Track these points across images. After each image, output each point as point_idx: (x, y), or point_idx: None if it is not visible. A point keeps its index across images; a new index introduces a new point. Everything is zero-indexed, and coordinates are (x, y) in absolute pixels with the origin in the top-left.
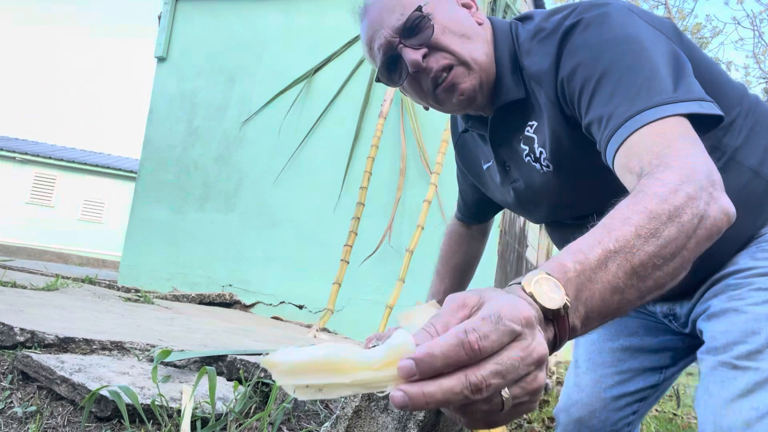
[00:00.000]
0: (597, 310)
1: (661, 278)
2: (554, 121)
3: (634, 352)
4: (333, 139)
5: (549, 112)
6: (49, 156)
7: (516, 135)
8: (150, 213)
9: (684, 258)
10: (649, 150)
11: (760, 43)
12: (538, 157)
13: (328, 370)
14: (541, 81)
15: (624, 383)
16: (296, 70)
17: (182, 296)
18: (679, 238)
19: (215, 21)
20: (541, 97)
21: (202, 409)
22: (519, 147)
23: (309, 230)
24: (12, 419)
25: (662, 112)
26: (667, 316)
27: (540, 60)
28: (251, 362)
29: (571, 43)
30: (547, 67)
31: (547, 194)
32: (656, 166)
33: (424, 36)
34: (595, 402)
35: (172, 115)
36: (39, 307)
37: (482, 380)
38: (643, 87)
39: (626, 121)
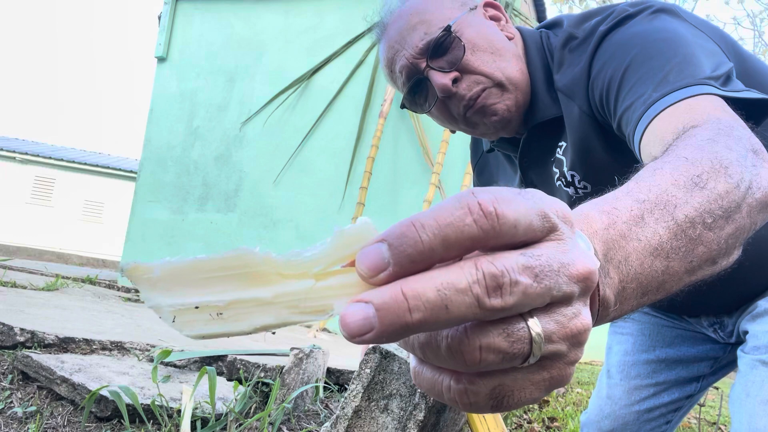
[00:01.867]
0: (635, 280)
1: (714, 245)
2: (587, 136)
3: (671, 364)
4: (333, 139)
5: (581, 127)
6: (49, 156)
7: (548, 157)
8: (150, 213)
9: (738, 225)
10: (673, 128)
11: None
12: (570, 181)
13: (235, 276)
14: (574, 93)
15: (659, 395)
16: (296, 70)
17: None
18: (731, 194)
19: (215, 21)
20: (574, 110)
21: (202, 409)
22: (551, 170)
23: (309, 230)
24: (12, 419)
25: (695, 90)
26: (713, 325)
27: (571, 71)
28: (251, 362)
29: (603, 47)
30: (578, 75)
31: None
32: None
33: (453, 57)
34: (627, 415)
35: (172, 115)
36: (39, 307)
37: (504, 270)
38: (674, 69)
39: (654, 102)
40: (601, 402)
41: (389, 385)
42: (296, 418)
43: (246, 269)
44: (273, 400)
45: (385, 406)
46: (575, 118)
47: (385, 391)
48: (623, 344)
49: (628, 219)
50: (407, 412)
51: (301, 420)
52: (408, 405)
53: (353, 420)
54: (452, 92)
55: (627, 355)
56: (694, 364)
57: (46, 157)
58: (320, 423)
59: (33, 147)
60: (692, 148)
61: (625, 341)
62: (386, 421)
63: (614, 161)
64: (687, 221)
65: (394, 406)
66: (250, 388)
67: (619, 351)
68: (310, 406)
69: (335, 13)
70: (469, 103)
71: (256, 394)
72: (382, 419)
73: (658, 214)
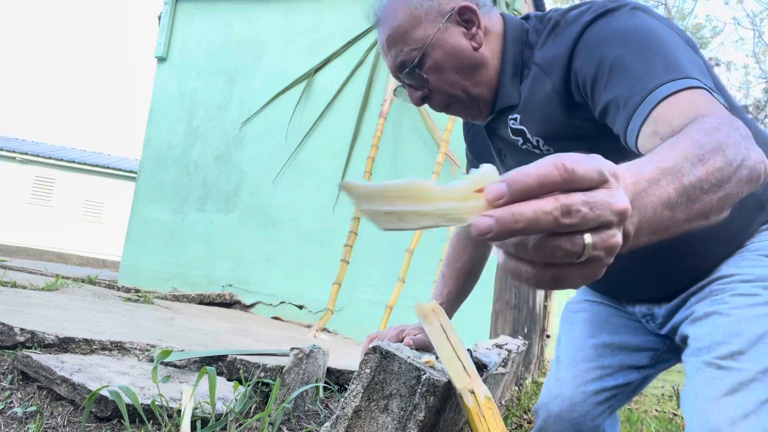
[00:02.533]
0: (648, 222)
1: (707, 205)
2: (554, 110)
3: (615, 349)
4: (333, 139)
5: (550, 103)
6: (49, 156)
7: (505, 128)
8: (150, 213)
9: (727, 192)
10: (679, 114)
11: (760, 43)
12: (536, 144)
13: (409, 197)
14: (550, 70)
15: (604, 378)
16: (296, 70)
17: (182, 296)
18: (725, 170)
19: (215, 21)
20: (546, 86)
21: (202, 409)
22: (511, 138)
23: (309, 230)
24: (12, 419)
25: (686, 83)
26: (645, 317)
27: (552, 50)
28: (251, 362)
29: (586, 37)
30: (560, 56)
31: None
32: (691, 119)
33: (422, 80)
34: (575, 395)
35: (172, 115)
36: (39, 307)
37: (573, 203)
38: (661, 66)
39: (649, 93)
40: (550, 385)
41: (389, 385)
42: (296, 418)
43: (416, 192)
44: (273, 400)
45: (385, 406)
46: (545, 93)
47: (385, 391)
48: (572, 333)
49: (649, 179)
50: (407, 412)
51: (301, 420)
52: (408, 405)
53: (353, 420)
54: (422, 104)
55: (575, 341)
56: (635, 352)
57: (46, 157)
58: (320, 423)
59: (33, 147)
60: (701, 133)
61: (574, 330)
62: (386, 421)
63: (574, 130)
64: (690, 186)
65: (394, 406)
66: (250, 388)
67: (568, 339)
68: (310, 406)
69: (335, 13)
70: (442, 110)
71: (256, 394)
72: (382, 419)
73: (670, 179)
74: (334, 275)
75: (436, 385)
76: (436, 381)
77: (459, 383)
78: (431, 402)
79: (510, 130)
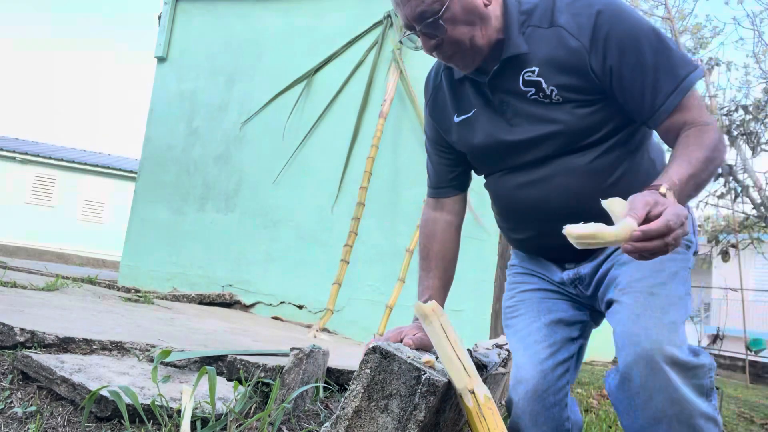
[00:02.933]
0: (680, 198)
1: (705, 185)
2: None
3: (556, 325)
4: (333, 139)
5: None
6: (49, 156)
7: (516, 79)
8: (150, 213)
9: (712, 175)
10: (697, 110)
11: (760, 43)
12: (548, 94)
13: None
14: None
15: (555, 354)
16: (296, 70)
17: (182, 296)
18: (714, 172)
19: (215, 21)
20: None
21: (202, 409)
22: (520, 89)
23: (309, 230)
24: (12, 419)
25: (693, 80)
26: (573, 282)
27: (576, 20)
28: (251, 362)
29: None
30: (586, 27)
31: (544, 121)
32: (705, 123)
33: (437, 31)
34: (536, 375)
35: (172, 115)
36: (39, 307)
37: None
38: (677, 62)
39: (677, 87)
40: (513, 372)
41: (389, 385)
42: (296, 418)
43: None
44: (273, 400)
45: (385, 406)
46: (571, 49)
47: (385, 391)
48: (517, 325)
49: (680, 180)
50: (407, 412)
51: (301, 420)
52: (408, 405)
53: (353, 420)
54: (433, 53)
55: (522, 330)
56: (570, 326)
57: (46, 157)
58: (320, 423)
59: (33, 147)
60: (711, 149)
61: (518, 322)
62: (386, 421)
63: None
64: (699, 184)
65: (394, 406)
66: (250, 388)
67: (517, 331)
68: (310, 406)
69: (335, 13)
70: (445, 59)
71: (256, 394)
72: (382, 419)
73: (693, 182)
74: (334, 275)
75: (436, 385)
76: (436, 381)
77: (459, 383)
78: (431, 402)
79: (522, 81)
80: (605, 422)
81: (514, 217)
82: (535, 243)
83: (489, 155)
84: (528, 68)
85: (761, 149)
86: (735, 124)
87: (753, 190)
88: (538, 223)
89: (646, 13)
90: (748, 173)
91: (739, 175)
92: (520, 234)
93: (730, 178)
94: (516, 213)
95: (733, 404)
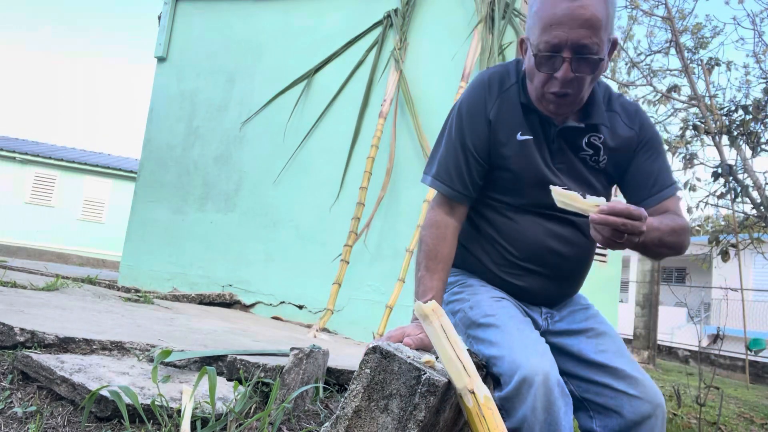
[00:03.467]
0: (648, 238)
1: (657, 245)
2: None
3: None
4: (333, 139)
5: (630, 144)
6: (49, 156)
7: (581, 137)
8: (150, 213)
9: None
10: (679, 208)
11: (760, 43)
12: (598, 159)
13: (573, 199)
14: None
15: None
16: (296, 70)
17: (182, 296)
18: (673, 246)
19: (215, 21)
20: (630, 133)
21: (202, 409)
22: (582, 146)
23: (309, 230)
24: (12, 419)
25: (679, 186)
26: (545, 315)
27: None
28: (251, 362)
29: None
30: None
31: (581, 179)
32: (682, 217)
33: (581, 71)
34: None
35: (172, 115)
36: (39, 307)
37: (630, 223)
38: (671, 169)
39: (673, 184)
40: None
41: (389, 385)
42: (296, 418)
43: (575, 199)
44: (273, 400)
45: (385, 406)
46: (629, 138)
47: (385, 391)
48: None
49: (655, 229)
50: (407, 412)
51: (301, 420)
52: (408, 405)
53: (353, 420)
54: (559, 81)
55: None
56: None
57: (46, 157)
58: (320, 423)
59: (33, 147)
60: (680, 230)
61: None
62: (386, 421)
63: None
64: (661, 239)
65: (394, 406)
66: (250, 388)
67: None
68: (310, 406)
69: (335, 13)
70: (556, 93)
71: (256, 394)
72: (382, 419)
73: (657, 233)
74: (334, 275)
75: (436, 385)
76: (436, 381)
77: (459, 383)
78: (431, 402)
79: (585, 143)
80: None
81: (531, 260)
82: (528, 289)
83: (533, 183)
84: (596, 134)
85: (761, 149)
86: (735, 124)
87: (753, 190)
88: (550, 274)
89: (646, 12)
90: (748, 173)
91: (739, 175)
92: (520, 279)
93: (730, 178)
94: (537, 258)
95: (733, 404)
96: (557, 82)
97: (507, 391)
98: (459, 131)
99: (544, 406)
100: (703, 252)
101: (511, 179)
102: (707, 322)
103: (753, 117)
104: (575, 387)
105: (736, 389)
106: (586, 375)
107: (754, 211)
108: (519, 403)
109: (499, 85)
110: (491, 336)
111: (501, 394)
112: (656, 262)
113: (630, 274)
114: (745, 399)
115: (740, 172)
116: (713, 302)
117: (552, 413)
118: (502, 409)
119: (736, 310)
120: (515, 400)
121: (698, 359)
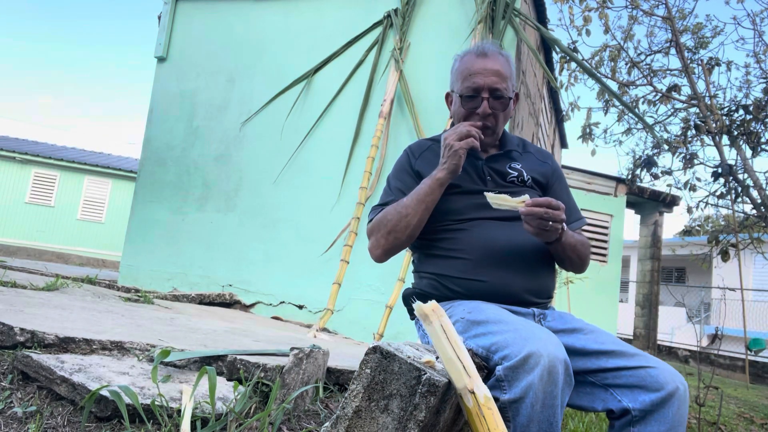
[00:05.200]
0: (564, 240)
1: (568, 250)
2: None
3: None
4: (333, 139)
5: (544, 171)
6: (49, 156)
7: (504, 164)
8: (150, 213)
9: (578, 259)
10: (582, 233)
11: (760, 42)
12: (524, 178)
13: (504, 199)
14: (545, 160)
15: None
16: (296, 70)
17: (182, 296)
18: (578, 256)
19: (215, 21)
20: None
21: (202, 409)
22: (506, 170)
23: (309, 230)
24: (12, 419)
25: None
26: (538, 316)
27: (541, 154)
28: (251, 362)
29: (557, 163)
30: (548, 161)
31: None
32: (586, 241)
33: (498, 108)
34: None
35: (172, 115)
36: (39, 307)
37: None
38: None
39: (582, 217)
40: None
41: (389, 385)
42: (296, 418)
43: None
44: (273, 400)
45: (386, 406)
46: (544, 170)
47: (385, 391)
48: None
49: (572, 236)
50: (407, 412)
51: (301, 420)
52: (408, 405)
53: (353, 420)
54: (480, 116)
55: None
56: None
57: (46, 157)
58: (320, 423)
59: (33, 147)
60: (584, 243)
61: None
62: (386, 421)
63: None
64: (572, 245)
65: (394, 406)
66: (250, 388)
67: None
68: (310, 406)
69: (335, 13)
70: (482, 123)
71: (256, 394)
72: (383, 419)
73: (576, 241)
74: (334, 275)
75: (437, 385)
76: (437, 381)
77: (459, 383)
78: (431, 402)
79: (509, 167)
80: (605, 422)
81: (486, 258)
82: (495, 284)
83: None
84: (515, 161)
85: (761, 149)
86: (735, 124)
87: (753, 190)
88: (508, 267)
89: (647, 12)
90: (748, 173)
91: (739, 175)
92: (485, 276)
93: (730, 178)
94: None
95: (733, 404)
96: (479, 117)
97: (514, 361)
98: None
99: (550, 379)
100: (703, 252)
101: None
102: (707, 322)
103: (753, 117)
104: (594, 379)
105: (736, 389)
106: (598, 365)
107: (754, 211)
108: (525, 373)
109: (419, 148)
110: (494, 328)
111: (507, 364)
112: (656, 262)
113: (630, 274)
114: (745, 399)
115: (740, 172)
116: (713, 302)
117: (555, 385)
118: (506, 380)
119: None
120: (520, 369)
121: (698, 359)
